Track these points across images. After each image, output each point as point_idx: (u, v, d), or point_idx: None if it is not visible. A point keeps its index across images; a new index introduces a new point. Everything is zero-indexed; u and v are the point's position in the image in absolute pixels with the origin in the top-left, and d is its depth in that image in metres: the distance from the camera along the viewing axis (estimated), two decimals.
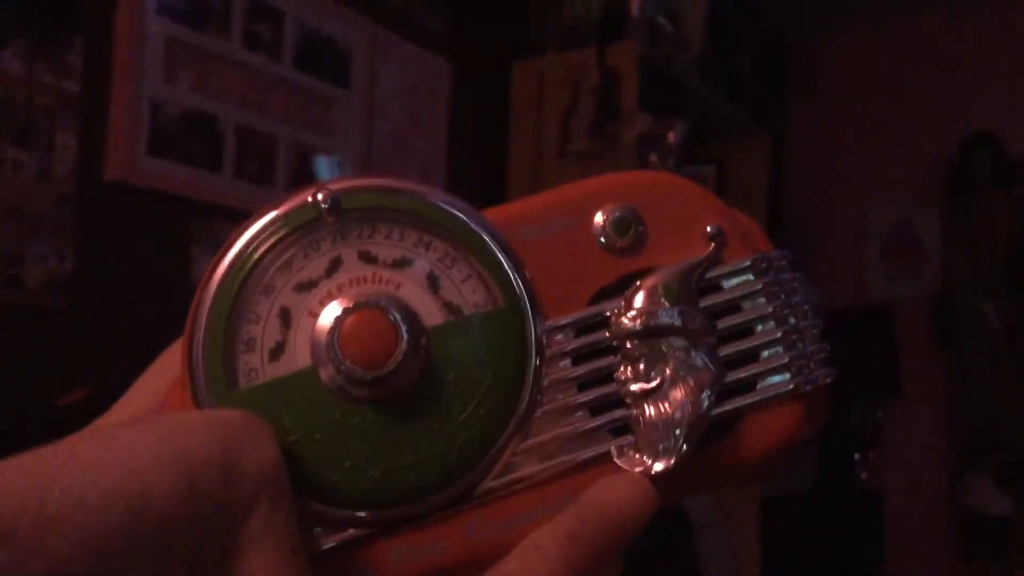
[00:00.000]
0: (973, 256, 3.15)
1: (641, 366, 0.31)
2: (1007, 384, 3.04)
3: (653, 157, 2.28)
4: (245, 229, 0.30)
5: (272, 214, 0.31)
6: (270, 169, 1.93)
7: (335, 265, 0.30)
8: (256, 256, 0.30)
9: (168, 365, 0.32)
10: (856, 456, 3.07)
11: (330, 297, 0.30)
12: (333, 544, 0.29)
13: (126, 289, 1.70)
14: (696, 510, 2.75)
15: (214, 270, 0.30)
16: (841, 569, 3.01)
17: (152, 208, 1.74)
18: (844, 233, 3.32)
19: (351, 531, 0.29)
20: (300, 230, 0.30)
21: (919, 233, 3.29)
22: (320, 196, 0.30)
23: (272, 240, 0.30)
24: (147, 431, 0.26)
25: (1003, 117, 3.14)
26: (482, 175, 2.48)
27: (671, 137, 2.25)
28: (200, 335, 0.30)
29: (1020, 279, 3.03)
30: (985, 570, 3.04)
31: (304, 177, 1.99)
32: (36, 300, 1.56)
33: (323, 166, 2.05)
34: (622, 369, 0.31)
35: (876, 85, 3.41)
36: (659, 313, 0.31)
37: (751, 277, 0.33)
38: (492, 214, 0.32)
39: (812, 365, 0.33)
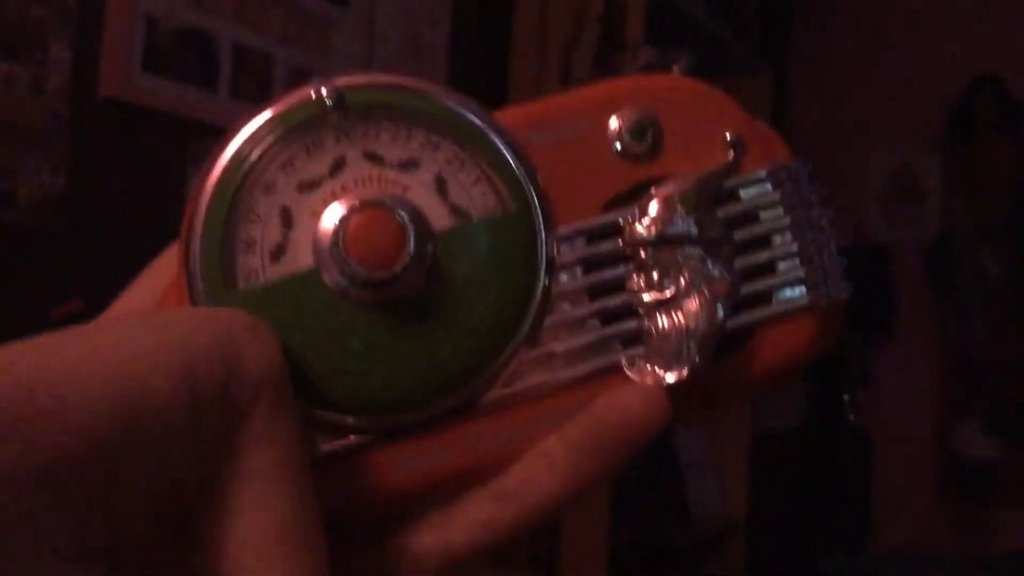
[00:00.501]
0: (973, 201, 3.14)
1: (655, 275, 0.30)
2: (1002, 330, 3.05)
3: None
4: (243, 125, 0.29)
5: (272, 109, 0.29)
6: (267, 89, 1.91)
7: (339, 164, 0.29)
8: (256, 153, 0.29)
9: (165, 266, 0.31)
10: (846, 396, 3.09)
11: (334, 197, 0.29)
12: (333, 450, 0.29)
13: (120, 206, 1.69)
14: (686, 446, 2.77)
15: (211, 168, 0.29)
16: (828, 507, 3.04)
17: (146, 125, 1.72)
18: (845, 174, 3.31)
19: (352, 437, 0.29)
20: (302, 127, 0.29)
21: (920, 176, 3.28)
22: (324, 91, 0.29)
23: (273, 137, 0.29)
24: (144, 323, 0.25)
25: (1008, 60, 3.11)
26: (483, 103, 2.45)
27: (676, 70, 2.22)
28: (197, 234, 0.29)
29: (1020, 225, 3.02)
30: (969, 512, 3.08)
31: None
32: (28, 216, 1.55)
33: None
34: (635, 278, 0.31)
35: (881, 26, 3.37)
36: (674, 221, 0.30)
37: (770, 187, 0.32)
38: (504, 116, 0.31)
39: (829, 280, 0.32)
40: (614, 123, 0.31)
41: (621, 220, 0.31)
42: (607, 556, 2.25)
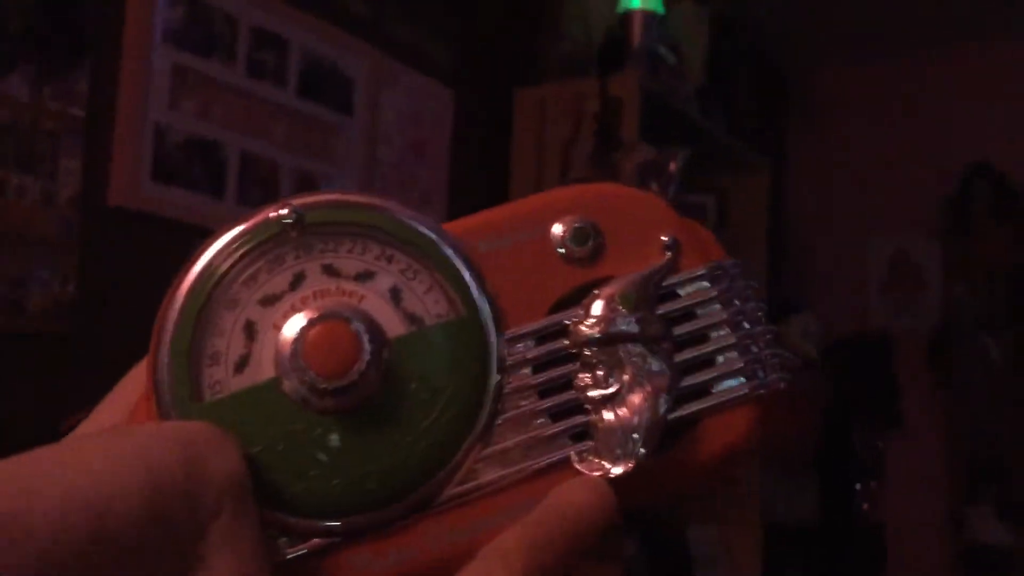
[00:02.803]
0: (974, 288, 3.14)
1: (600, 372, 0.32)
2: (1007, 416, 3.03)
3: (654, 186, 2.29)
4: (210, 244, 0.31)
5: (237, 229, 0.31)
6: (273, 195, 1.93)
7: (299, 279, 0.31)
8: (221, 270, 0.31)
9: (136, 380, 0.33)
10: (858, 487, 3.05)
11: (294, 310, 0.31)
12: (298, 553, 0.30)
13: (129, 315, 1.68)
14: (698, 543, 2.74)
15: (179, 284, 0.31)
16: None
17: (155, 234, 1.74)
18: (845, 263, 3.32)
19: (316, 540, 0.30)
20: (264, 244, 0.31)
21: (919, 264, 3.29)
22: (283, 211, 0.31)
23: (237, 254, 0.31)
24: (110, 440, 0.27)
25: (1002, 148, 3.14)
26: (484, 203, 2.46)
27: (672, 167, 2.26)
28: (165, 349, 0.30)
29: (1021, 311, 3.02)
30: None
31: None
32: (39, 325, 1.56)
33: None
34: (582, 376, 0.32)
35: (875, 117, 3.42)
36: (617, 320, 0.32)
37: (707, 284, 0.34)
38: (453, 227, 0.33)
39: (766, 369, 0.33)
40: (557, 229, 0.33)
41: (567, 321, 0.32)
42: None
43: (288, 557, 0.30)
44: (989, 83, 3.23)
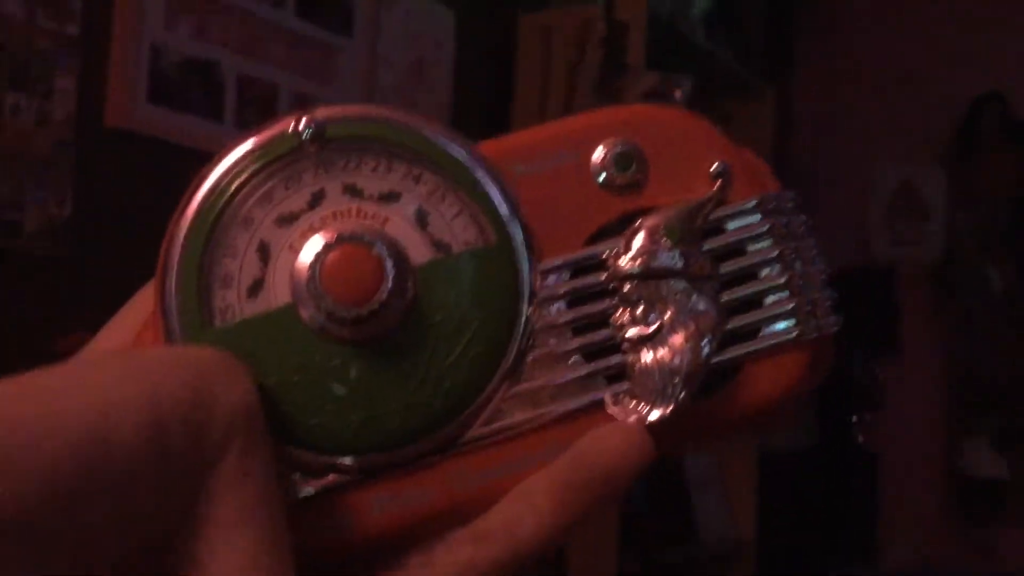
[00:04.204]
0: (978, 218, 3.13)
1: (639, 310, 0.30)
2: (1007, 347, 3.04)
3: None
4: (221, 159, 0.29)
5: (250, 143, 0.29)
6: (271, 118, 1.91)
7: (318, 198, 0.29)
8: (233, 187, 0.29)
9: (142, 304, 0.31)
10: (854, 418, 3.07)
11: (312, 231, 0.29)
12: (312, 491, 0.28)
13: (125, 237, 1.69)
14: (693, 467, 2.76)
15: (188, 202, 0.29)
16: (836, 528, 3.03)
17: (152, 156, 1.73)
18: (849, 192, 3.30)
19: (331, 477, 0.28)
20: (280, 160, 0.29)
21: (924, 193, 3.27)
22: (302, 124, 0.29)
23: (251, 171, 0.29)
24: (112, 366, 0.25)
25: (1011, 78, 3.11)
26: (486, 129, 2.44)
27: (677, 94, 2.23)
28: (173, 270, 0.28)
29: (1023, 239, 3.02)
30: (977, 531, 3.06)
31: None
32: (35, 246, 1.55)
33: None
34: (619, 313, 0.30)
35: (884, 44, 3.37)
36: (659, 254, 0.30)
37: (757, 218, 0.31)
38: (487, 147, 0.31)
39: (818, 313, 0.31)
40: (598, 154, 0.31)
41: (605, 253, 0.30)
42: None
43: (302, 495, 0.28)
44: (999, 12, 3.19)
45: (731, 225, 0.31)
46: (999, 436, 3.01)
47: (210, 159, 0.30)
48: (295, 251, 0.29)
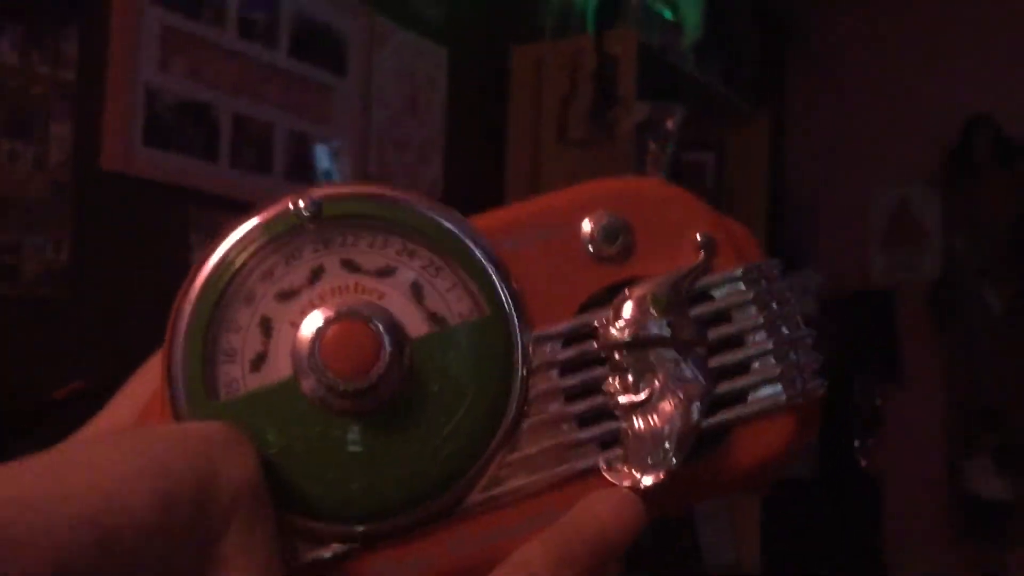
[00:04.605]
0: (974, 239, 3.14)
1: (630, 377, 0.30)
2: (1006, 368, 3.04)
3: (652, 144, 2.28)
4: (225, 237, 0.30)
5: (253, 222, 0.30)
6: (267, 157, 1.92)
7: (317, 274, 0.30)
8: (237, 264, 0.30)
9: (150, 374, 0.31)
10: (856, 443, 3.07)
11: (312, 306, 0.30)
12: (315, 559, 0.29)
13: (124, 279, 1.69)
14: None
15: (194, 279, 0.30)
16: (840, 553, 3.01)
17: (149, 198, 1.73)
18: (845, 216, 3.31)
19: (334, 545, 0.29)
20: (281, 238, 0.30)
21: (920, 216, 3.28)
22: (301, 203, 0.30)
23: (253, 248, 0.30)
24: (122, 445, 0.26)
25: (1002, 99, 3.13)
26: (480, 163, 2.47)
27: (670, 124, 2.24)
28: (180, 344, 0.29)
29: (1020, 262, 3.02)
30: (983, 553, 3.05)
31: (301, 165, 1.99)
32: (33, 291, 1.56)
33: (321, 155, 2.04)
34: (611, 380, 0.31)
35: (876, 67, 3.39)
36: (648, 323, 0.30)
37: (742, 286, 0.32)
38: (478, 222, 0.31)
39: (804, 376, 0.32)
40: (587, 226, 0.32)
41: (596, 323, 0.31)
42: None
43: (305, 562, 0.29)
44: (989, 33, 3.21)
45: (717, 293, 0.32)
46: (1000, 457, 3.00)
47: (206, 197, 0.30)
48: (296, 326, 0.29)
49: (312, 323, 0.29)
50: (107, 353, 1.59)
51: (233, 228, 0.30)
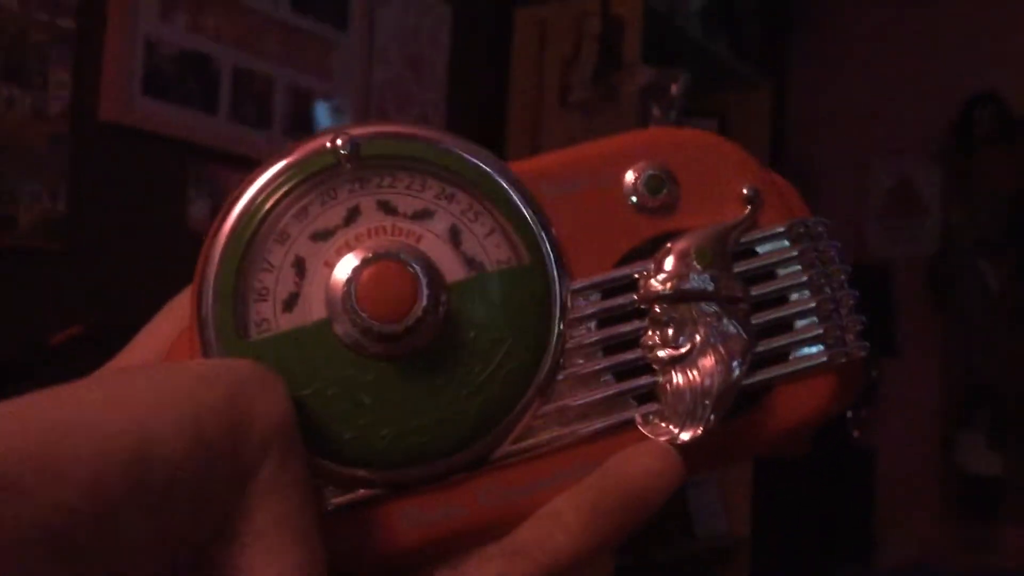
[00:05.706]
0: (972, 214, 3.14)
1: (670, 331, 0.30)
2: (1002, 344, 3.05)
3: (655, 109, 2.26)
4: (257, 176, 0.29)
5: (287, 159, 0.29)
6: (266, 112, 1.91)
7: (353, 214, 0.29)
8: (270, 203, 0.29)
9: (176, 313, 0.31)
10: (849, 414, 3.08)
11: (347, 248, 0.29)
12: (342, 503, 0.28)
13: (120, 230, 1.69)
14: None
15: (225, 217, 0.29)
16: (831, 524, 3.03)
17: (147, 149, 1.73)
18: (844, 189, 3.31)
19: (362, 491, 0.28)
20: (317, 176, 0.29)
21: (919, 190, 3.28)
22: (339, 141, 0.29)
23: (287, 187, 0.29)
24: (153, 377, 0.25)
25: (1005, 76, 3.12)
26: (481, 123, 2.46)
27: (673, 89, 2.22)
28: (211, 282, 0.28)
29: (1018, 237, 3.02)
30: (973, 528, 3.07)
31: (301, 121, 1.97)
32: (30, 240, 1.55)
33: (322, 111, 2.03)
34: (650, 334, 0.30)
35: (880, 41, 3.38)
36: (690, 277, 0.30)
37: (787, 243, 0.31)
38: (518, 167, 0.31)
39: (847, 337, 0.31)
40: (630, 176, 0.31)
41: (636, 275, 0.30)
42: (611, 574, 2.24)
43: (333, 507, 0.28)
44: (993, 10, 3.19)
45: (761, 249, 0.31)
46: (994, 432, 3.02)
47: (205, 150, 0.29)
48: (330, 267, 0.29)
49: (347, 265, 0.28)
50: (103, 303, 1.58)
51: (265, 167, 0.29)
